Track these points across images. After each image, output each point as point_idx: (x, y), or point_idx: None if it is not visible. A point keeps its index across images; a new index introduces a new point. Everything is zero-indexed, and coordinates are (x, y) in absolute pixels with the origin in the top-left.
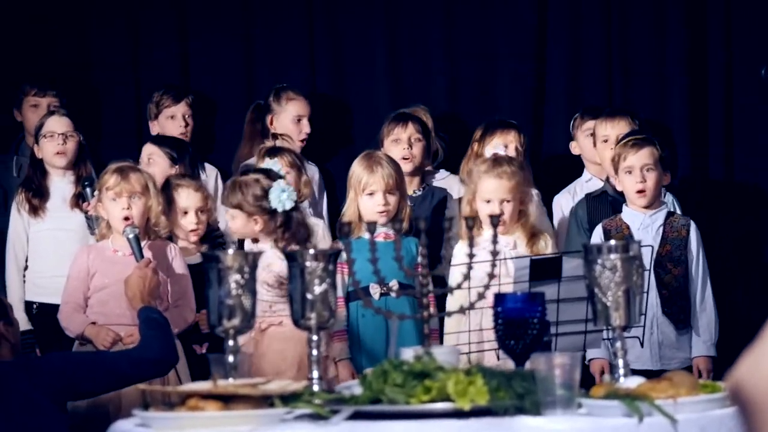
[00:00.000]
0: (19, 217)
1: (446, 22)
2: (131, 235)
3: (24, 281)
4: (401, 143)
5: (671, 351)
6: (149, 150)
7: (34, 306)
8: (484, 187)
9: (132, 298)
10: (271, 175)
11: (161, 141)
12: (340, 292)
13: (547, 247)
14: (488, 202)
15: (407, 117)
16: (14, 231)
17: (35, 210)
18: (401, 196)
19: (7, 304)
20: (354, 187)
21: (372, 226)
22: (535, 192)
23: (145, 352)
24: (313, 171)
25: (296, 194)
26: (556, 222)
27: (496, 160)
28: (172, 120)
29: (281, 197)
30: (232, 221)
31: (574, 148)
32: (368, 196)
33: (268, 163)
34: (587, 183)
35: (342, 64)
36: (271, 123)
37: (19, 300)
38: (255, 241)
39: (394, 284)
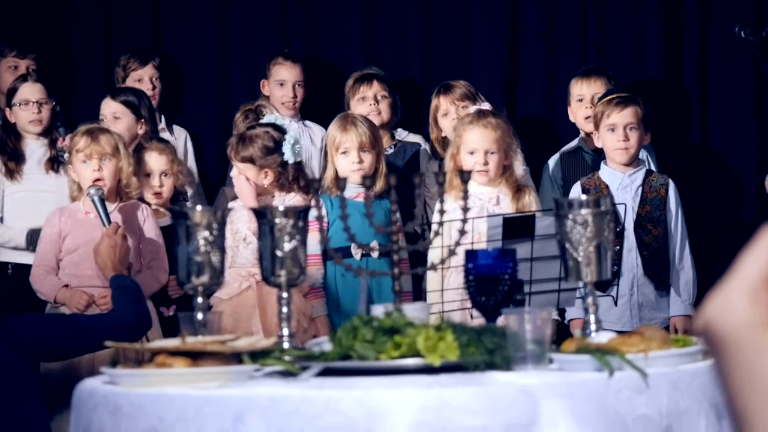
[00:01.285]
0: None
1: None
2: (96, 197)
3: None
4: (367, 100)
5: (651, 312)
6: (112, 107)
7: (9, 267)
8: (468, 138)
9: (103, 267)
10: (279, 128)
11: (120, 93)
12: (317, 250)
13: (531, 203)
14: (472, 153)
15: (371, 75)
16: None
17: (11, 173)
18: (377, 155)
19: None
20: (330, 148)
21: (342, 183)
22: (519, 151)
23: (119, 317)
24: (321, 134)
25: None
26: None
27: (481, 112)
28: (140, 83)
29: (295, 148)
30: (237, 177)
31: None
32: (342, 155)
33: (270, 117)
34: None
35: (316, 26)
36: (264, 87)
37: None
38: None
39: (374, 245)
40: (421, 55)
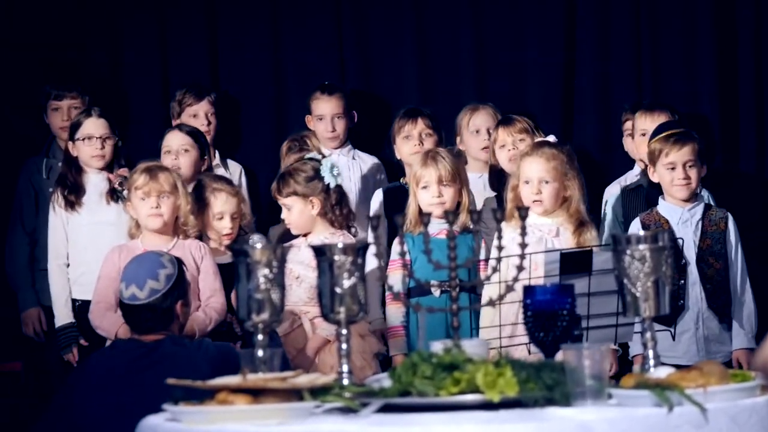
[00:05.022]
0: (55, 216)
1: (475, 18)
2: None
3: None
4: (412, 139)
5: (716, 345)
6: (181, 140)
7: (76, 303)
8: (523, 168)
9: None
10: (314, 159)
11: (185, 126)
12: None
13: (592, 240)
14: (527, 183)
15: (417, 112)
16: (53, 231)
17: (72, 205)
18: (459, 189)
19: (188, 283)
20: (411, 183)
21: (401, 220)
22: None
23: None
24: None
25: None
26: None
27: (538, 143)
28: (195, 118)
29: (333, 172)
30: (288, 213)
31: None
32: (423, 189)
33: (310, 155)
34: (637, 176)
35: (370, 61)
36: (309, 122)
37: (65, 300)
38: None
39: None
40: (475, 89)
